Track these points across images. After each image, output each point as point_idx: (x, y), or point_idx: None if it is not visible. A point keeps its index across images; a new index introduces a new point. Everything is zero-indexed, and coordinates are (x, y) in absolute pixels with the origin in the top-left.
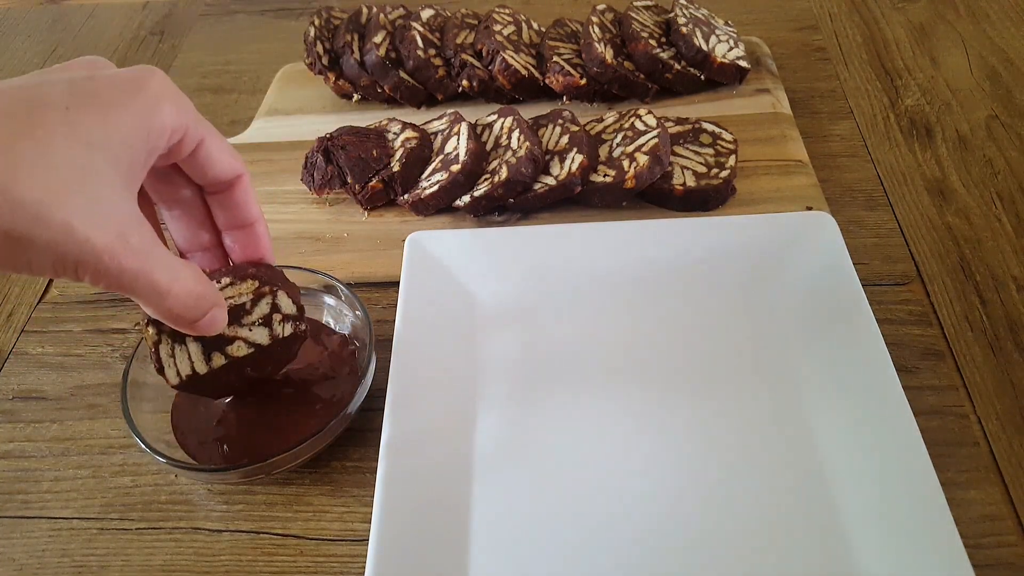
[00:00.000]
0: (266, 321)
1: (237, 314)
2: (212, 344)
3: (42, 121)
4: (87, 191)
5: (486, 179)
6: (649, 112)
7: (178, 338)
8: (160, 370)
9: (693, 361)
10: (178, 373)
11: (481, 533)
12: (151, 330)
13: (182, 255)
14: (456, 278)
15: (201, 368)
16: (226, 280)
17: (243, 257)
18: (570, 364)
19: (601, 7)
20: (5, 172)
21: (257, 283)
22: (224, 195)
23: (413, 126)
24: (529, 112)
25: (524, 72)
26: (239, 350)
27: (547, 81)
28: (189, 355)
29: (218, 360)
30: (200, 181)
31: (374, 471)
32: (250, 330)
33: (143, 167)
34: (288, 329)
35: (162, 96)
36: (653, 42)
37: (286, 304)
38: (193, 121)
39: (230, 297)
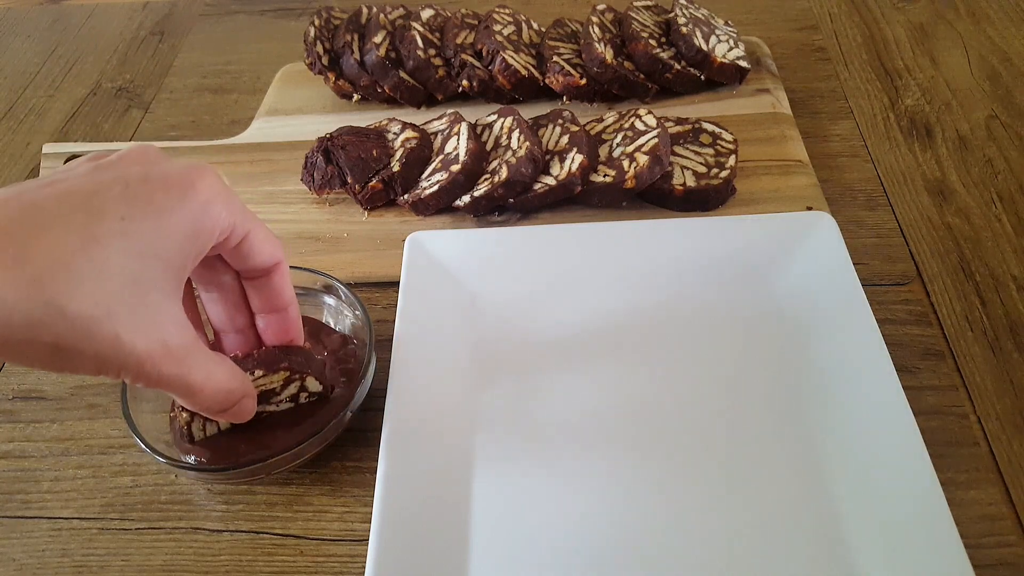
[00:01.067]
0: (293, 399)
1: (267, 396)
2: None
3: (99, 234)
4: (137, 301)
5: (486, 179)
6: (649, 112)
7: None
8: (187, 434)
9: (692, 360)
10: (205, 433)
11: (481, 533)
12: (184, 414)
13: (216, 335)
14: (456, 278)
15: (224, 426)
16: (259, 372)
17: (274, 340)
18: (570, 364)
19: (601, 7)
20: (62, 289)
21: (288, 373)
22: (261, 280)
23: (413, 126)
24: (529, 112)
25: (524, 72)
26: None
27: (547, 81)
28: (218, 425)
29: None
30: (240, 268)
31: (374, 471)
32: (276, 406)
33: (192, 266)
34: (313, 398)
35: (213, 198)
36: (653, 42)
37: (313, 385)
38: (240, 218)
39: (260, 385)
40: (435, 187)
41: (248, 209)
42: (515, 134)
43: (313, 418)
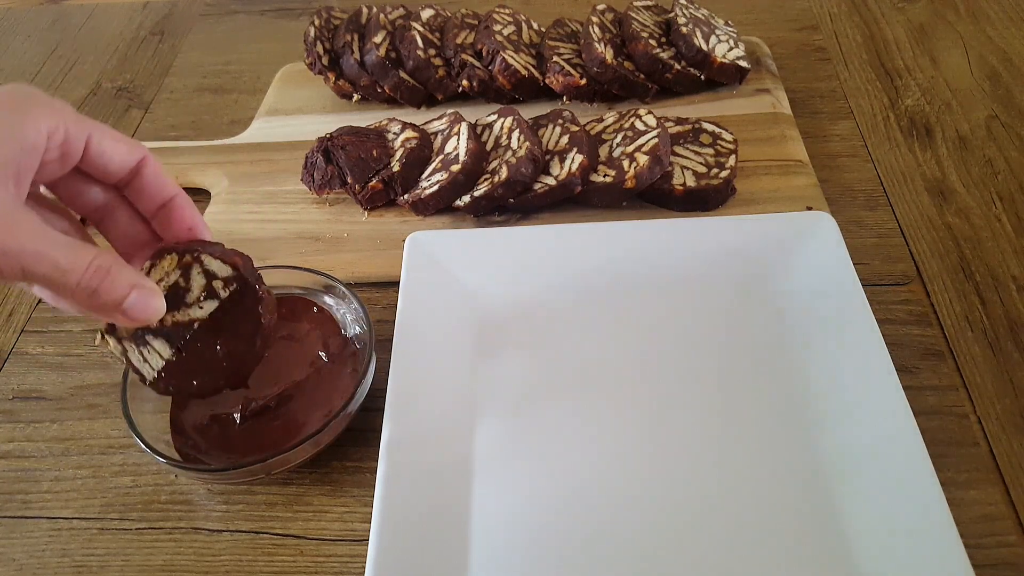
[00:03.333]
0: (211, 293)
1: (178, 296)
2: (171, 333)
3: None
4: None
5: (486, 179)
6: (649, 112)
7: (139, 339)
8: (139, 375)
9: (693, 361)
10: (152, 367)
11: (481, 533)
12: (111, 340)
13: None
14: (456, 278)
15: (167, 353)
16: (147, 264)
17: (174, 237)
18: (570, 364)
19: (601, 7)
20: None
21: (176, 255)
22: (136, 184)
23: (413, 126)
24: (529, 112)
25: (524, 72)
26: (192, 325)
27: (547, 81)
28: (155, 349)
29: (178, 341)
30: (106, 178)
31: (374, 471)
32: (200, 307)
33: (27, 171)
34: (232, 288)
35: (30, 104)
36: (653, 42)
37: (218, 267)
38: (73, 120)
39: (160, 280)
40: (435, 187)
41: (85, 117)
42: (515, 134)
43: (313, 418)
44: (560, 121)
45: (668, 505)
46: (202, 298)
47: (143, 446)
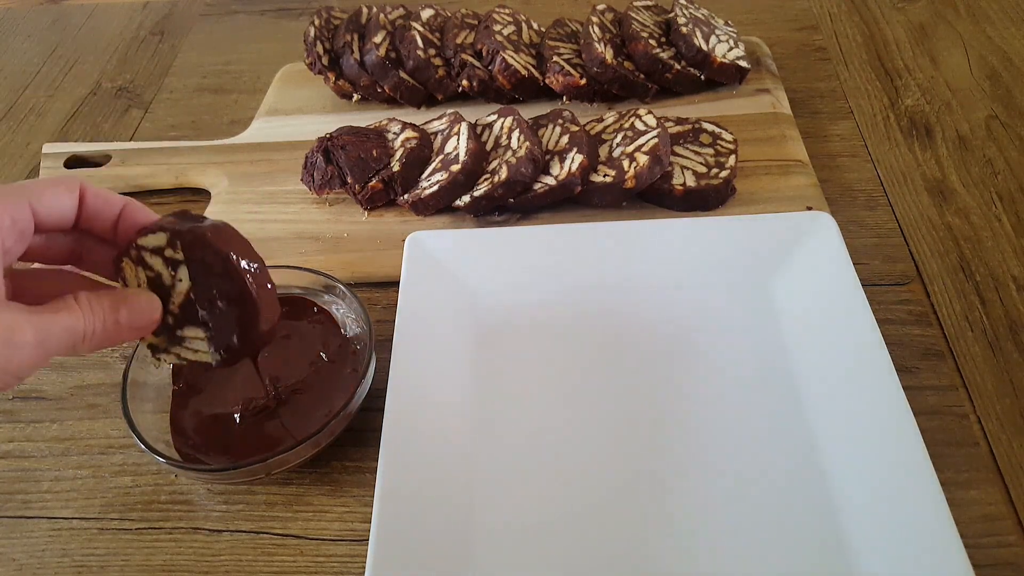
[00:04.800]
0: (172, 262)
1: (160, 285)
2: (188, 315)
3: None
4: None
5: (486, 179)
6: (649, 112)
7: (175, 339)
8: (208, 365)
9: (693, 360)
10: (208, 351)
11: (481, 533)
12: (163, 357)
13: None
14: (456, 278)
15: (201, 332)
16: (119, 282)
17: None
18: (570, 363)
19: (601, 7)
20: None
21: (127, 257)
22: (84, 212)
23: (413, 126)
24: (529, 112)
25: (524, 72)
26: (191, 296)
27: (547, 81)
28: (192, 336)
29: (197, 317)
30: (63, 227)
31: (374, 471)
32: (180, 280)
33: None
34: (181, 244)
35: None
36: (653, 42)
37: (155, 239)
38: (13, 200)
39: (138, 284)
40: (435, 187)
41: (21, 185)
42: (515, 134)
43: (313, 418)
44: (560, 121)
45: (668, 504)
46: (173, 272)
47: (143, 446)
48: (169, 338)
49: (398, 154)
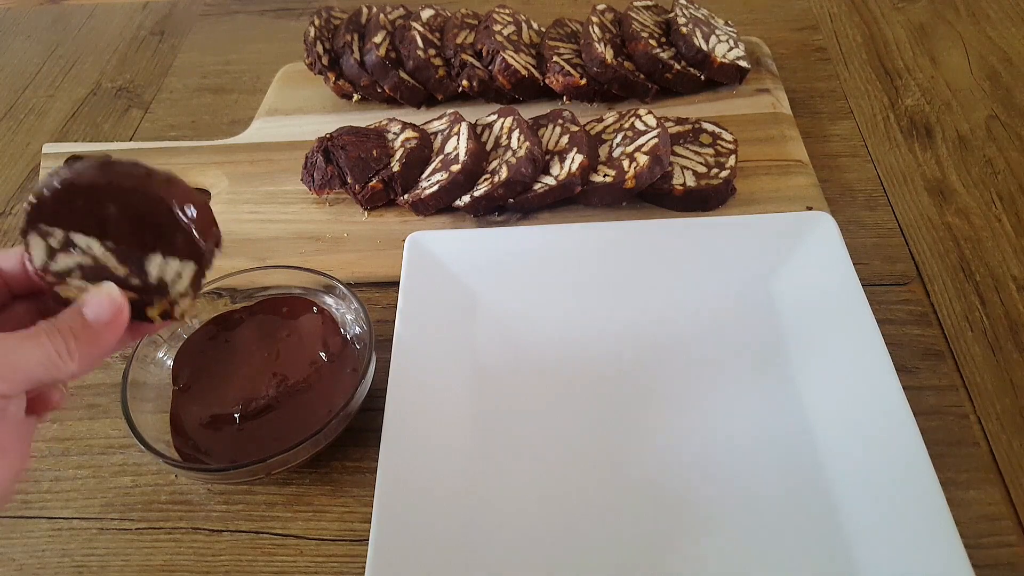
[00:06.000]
0: (88, 228)
1: (95, 265)
2: (139, 262)
3: None
4: None
5: (486, 179)
6: (649, 112)
7: (160, 291)
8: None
9: (693, 360)
10: (192, 284)
11: (481, 533)
12: (179, 321)
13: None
14: (456, 278)
15: (186, 268)
16: (62, 292)
17: None
18: (570, 363)
19: (601, 7)
20: None
21: (41, 266)
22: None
23: (413, 126)
24: (529, 112)
25: (524, 72)
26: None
27: (547, 81)
28: (177, 272)
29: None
30: None
31: (374, 471)
32: (103, 244)
33: None
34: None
35: None
36: (653, 42)
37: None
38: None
39: (71, 275)
40: (435, 187)
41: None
42: (515, 134)
43: (313, 418)
44: (560, 121)
45: (668, 504)
46: (92, 238)
47: (143, 446)
48: (159, 294)
49: (398, 154)
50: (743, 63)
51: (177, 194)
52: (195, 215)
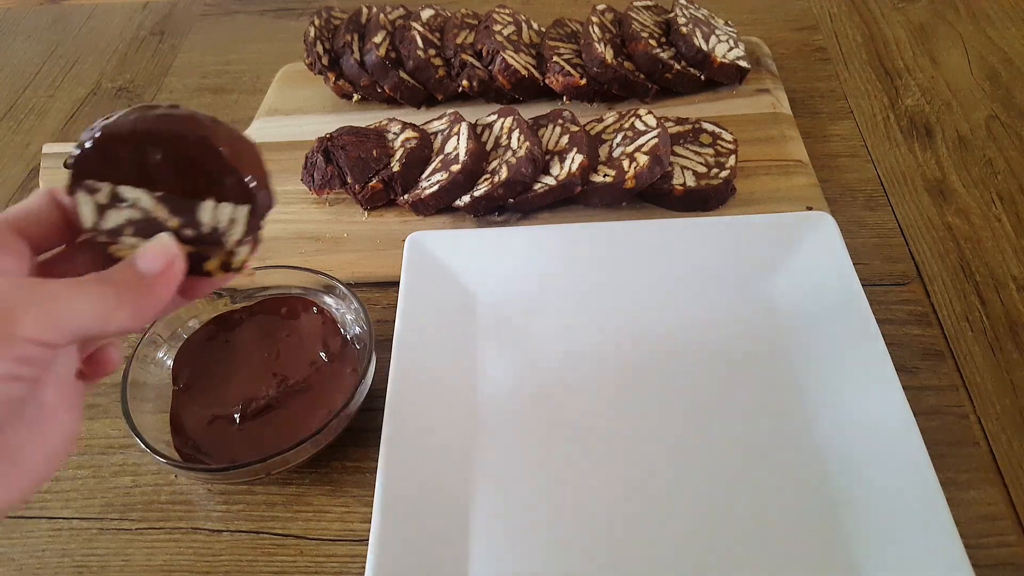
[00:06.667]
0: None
1: (146, 218)
2: (189, 211)
3: None
4: None
5: (486, 179)
6: (649, 112)
7: (214, 239)
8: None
9: (693, 361)
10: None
11: (481, 533)
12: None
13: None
14: (456, 278)
15: (238, 213)
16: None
17: None
18: (570, 364)
19: (601, 7)
20: None
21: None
22: None
23: (413, 126)
24: (529, 112)
25: (524, 72)
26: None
27: (547, 81)
28: (230, 218)
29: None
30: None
31: (374, 471)
32: (149, 191)
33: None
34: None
35: None
36: (653, 42)
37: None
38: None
39: (124, 232)
40: (435, 187)
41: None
42: (515, 134)
43: (313, 418)
44: (560, 121)
45: (667, 505)
46: (140, 189)
47: (143, 446)
48: (215, 245)
49: (398, 154)
50: (743, 63)
51: (223, 135)
52: (243, 155)
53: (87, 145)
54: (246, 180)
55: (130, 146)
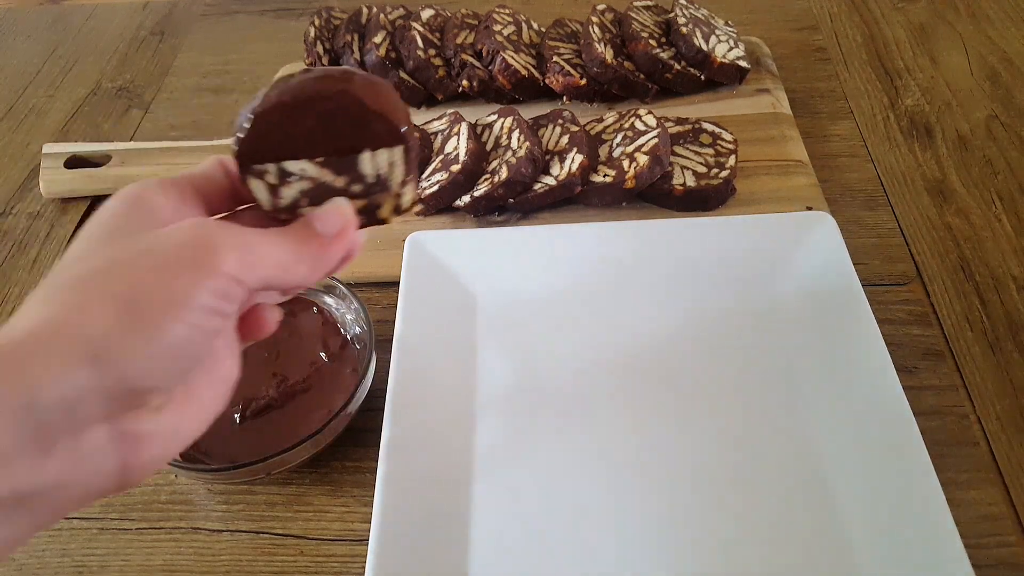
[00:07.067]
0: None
1: (322, 186)
2: (353, 168)
3: None
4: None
5: (486, 179)
6: (649, 112)
7: (383, 187)
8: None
9: (693, 361)
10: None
11: (481, 533)
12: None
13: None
14: (456, 278)
15: (394, 156)
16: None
17: None
18: (570, 364)
19: (601, 7)
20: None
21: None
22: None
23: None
24: (529, 112)
25: (524, 72)
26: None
27: (547, 81)
28: (397, 175)
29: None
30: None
31: (374, 471)
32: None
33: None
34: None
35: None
36: (653, 42)
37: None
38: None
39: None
40: (435, 187)
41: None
42: (515, 134)
43: (313, 418)
44: (560, 121)
45: (667, 505)
46: (302, 160)
47: None
48: (383, 191)
49: None
50: (743, 63)
51: (359, 84)
52: (383, 99)
53: (243, 133)
54: (394, 122)
55: (281, 121)
